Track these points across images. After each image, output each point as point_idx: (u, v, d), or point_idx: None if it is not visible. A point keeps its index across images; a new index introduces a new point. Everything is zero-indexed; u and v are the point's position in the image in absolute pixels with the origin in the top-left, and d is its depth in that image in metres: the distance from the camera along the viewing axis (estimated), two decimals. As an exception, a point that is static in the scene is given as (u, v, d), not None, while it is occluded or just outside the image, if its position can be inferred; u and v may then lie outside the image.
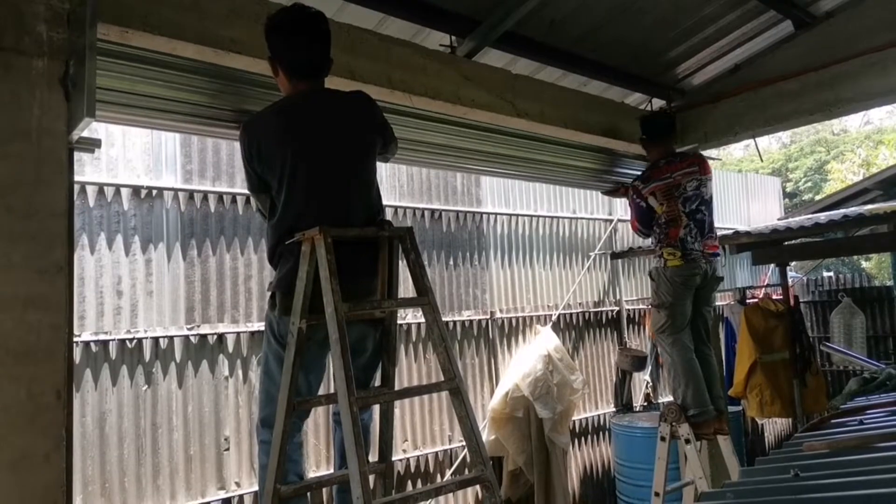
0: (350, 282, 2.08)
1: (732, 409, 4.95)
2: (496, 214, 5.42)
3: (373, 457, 2.36)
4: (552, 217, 5.84)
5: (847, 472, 1.61)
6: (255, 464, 3.79)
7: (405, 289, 2.50)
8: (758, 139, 4.81)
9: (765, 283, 7.67)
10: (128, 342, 3.54)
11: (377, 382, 2.41)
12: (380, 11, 2.86)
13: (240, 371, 3.92)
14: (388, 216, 2.80)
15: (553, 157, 3.77)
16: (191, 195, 3.83)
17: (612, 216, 6.31)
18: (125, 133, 3.61)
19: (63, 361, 1.70)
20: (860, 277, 9.79)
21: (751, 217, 8.43)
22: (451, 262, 5.06)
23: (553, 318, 5.65)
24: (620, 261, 6.31)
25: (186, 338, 3.74)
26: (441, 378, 2.26)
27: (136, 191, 3.64)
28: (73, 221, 1.83)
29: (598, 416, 5.98)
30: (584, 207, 6.15)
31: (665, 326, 3.62)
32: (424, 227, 4.87)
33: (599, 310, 6.14)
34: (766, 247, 5.54)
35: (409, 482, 4.59)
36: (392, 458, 2.45)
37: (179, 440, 3.66)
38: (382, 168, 4.49)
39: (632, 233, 4.54)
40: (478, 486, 2.28)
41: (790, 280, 5.76)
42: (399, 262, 2.33)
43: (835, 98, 3.56)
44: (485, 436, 4.79)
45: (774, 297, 6.05)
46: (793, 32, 3.77)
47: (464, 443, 4.67)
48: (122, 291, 3.56)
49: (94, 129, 3.04)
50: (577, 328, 5.92)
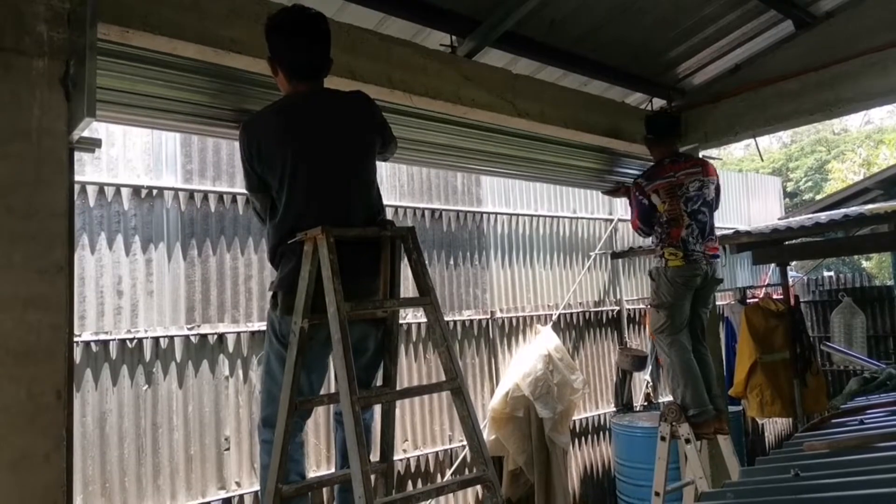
0: (352, 281, 2.08)
1: (733, 409, 4.95)
2: (496, 214, 5.43)
3: (374, 456, 2.36)
4: (552, 217, 5.84)
5: (847, 472, 1.60)
6: (256, 463, 3.80)
7: (405, 288, 2.50)
8: (758, 139, 4.81)
9: (765, 283, 7.67)
10: (128, 342, 3.54)
11: (379, 382, 2.41)
12: (380, 11, 2.86)
13: (240, 371, 3.92)
14: (389, 216, 2.79)
15: (553, 157, 3.77)
16: (191, 195, 3.84)
17: (613, 216, 6.31)
18: (125, 133, 3.61)
19: (63, 361, 1.70)
20: (861, 277, 9.79)
21: (751, 217, 8.43)
22: (452, 262, 5.06)
23: (553, 318, 5.65)
24: (621, 260, 6.32)
25: (187, 338, 3.74)
26: (441, 378, 2.26)
27: (137, 190, 3.64)
28: (74, 221, 1.84)
29: (599, 416, 5.98)
30: (585, 207, 6.15)
31: (664, 327, 3.62)
32: (425, 227, 4.87)
33: (600, 309, 6.14)
34: (767, 246, 5.54)
35: (410, 482, 4.59)
36: (393, 458, 2.45)
37: (180, 440, 3.66)
38: (383, 168, 4.49)
39: (632, 232, 4.54)
40: (479, 486, 2.28)
41: (790, 280, 5.76)
42: (401, 262, 2.33)
43: (835, 98, 3.56)
44: (485, 435, 4.79)
45: (775, 297, 6.04)
46: (793, 32, 3.77)
47: (464, 443, 4.71)
48: (123, 291, 3.57)
49: (95, 129, 3.04)
50: (578, 328, 5.92)
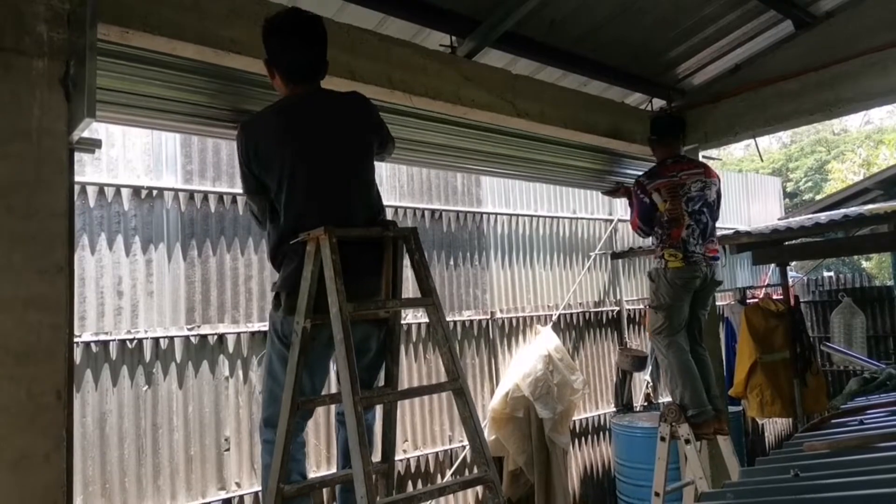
0: (354, 282, 2.08)
1: (733, 410, 4.95)
2: (496, 214, 5.42)
3: (375, 457, 2.36)
4: (552, 217, 5.84)
5: (847, 472, 1.60)
6: (257, 464, 3.80)
7: (405, 289, 2.50)
8: (758, 139, 4.82)
9: (765, 283, 7.66)
10: (128, 342, 3.54)
11: (380, 382, 2.41)
12: (380, 11, 2.86)
13: (240, 371, 3.92)
14: (389, 216, 2.79)
15: (553, 157, 3.77)
16: (191, 195, 3.84)
17: (613, 216, 6.31)
18: (125, 133, 3.61)
19: (63, 362, 1.70)
20: (860, 277, 9.78)
21: (751, 217, 8.43)
22: (452, 262, 5.06)
23: (553, 318, 5.65)
24: (621, 261, 6.31)
25: (187, 338, 3.74)
26: (441, 378, 2.26)
27: (137, 191, 3.64)
28: (74, 222, 1.83)
29: (599, 416, 5.98)
30: (585, 207, 6.15)
31: (662, 328, 3.62)
32: (425, 227, 4.86)
33: (600, 310, 6.14)
34: (767, 247, 5.54)
35: (410, 482, 4.59)
36: (394, 458, 2.45)
37: (180, 440, 3.66)
38: (382, 168, 4.49)
39: (632, 233, 4.53)
40: (479, 486, 2.28)
41: (790, 280, 5.76)
42: (402, 263, 2.33)
43: (835, 98, 3.56)
44: (485, 436, 4.79)
45: (775, 297, 6.04)
46: (793, 32, 3.77)
47: (464, 443, 4.71)
48: (123, 292, 3.57)
49: (95, 130, 3.03)
50: (578, 328, 5.92)
